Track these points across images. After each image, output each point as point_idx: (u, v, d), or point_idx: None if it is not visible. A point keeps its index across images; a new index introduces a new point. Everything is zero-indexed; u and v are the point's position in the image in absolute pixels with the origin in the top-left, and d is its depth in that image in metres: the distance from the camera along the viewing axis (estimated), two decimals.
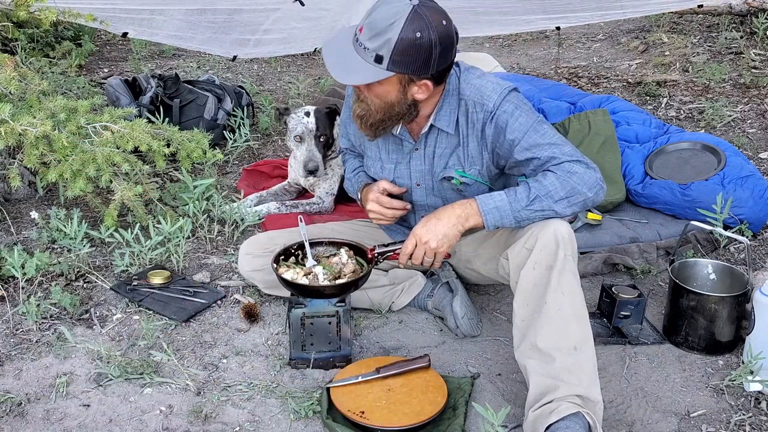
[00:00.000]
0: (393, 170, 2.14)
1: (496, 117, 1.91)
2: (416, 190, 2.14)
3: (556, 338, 1.72)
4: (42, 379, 1.96)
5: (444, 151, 2.04)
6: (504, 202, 1.84)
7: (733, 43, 5.02)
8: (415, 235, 1.88)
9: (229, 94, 3.81)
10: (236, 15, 3.89)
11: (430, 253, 1.87)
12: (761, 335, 1.91)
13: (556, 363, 1.70)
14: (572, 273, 1.80)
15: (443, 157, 2.05)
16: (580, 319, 1.75)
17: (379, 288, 2.24)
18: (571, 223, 2.64)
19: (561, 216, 1.84)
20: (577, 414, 1.63)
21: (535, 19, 4.30)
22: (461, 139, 2.00)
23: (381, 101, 1.89)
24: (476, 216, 1.85)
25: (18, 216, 2.91)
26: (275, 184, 3.14)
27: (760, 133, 3.71)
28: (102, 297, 2.37)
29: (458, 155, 2.02)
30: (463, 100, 1.96)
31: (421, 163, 2.08)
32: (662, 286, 2.40)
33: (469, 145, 2.00)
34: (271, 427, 1.80)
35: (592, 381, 1.70)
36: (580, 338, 1.73)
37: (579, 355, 1.71)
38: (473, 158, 2.00)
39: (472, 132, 1.98)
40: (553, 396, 1.67)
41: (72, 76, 4.42)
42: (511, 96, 1.92)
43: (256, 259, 2.23)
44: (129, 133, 2.52)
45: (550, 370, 1.70)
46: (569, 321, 1.74)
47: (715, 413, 1.84)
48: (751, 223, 2.62)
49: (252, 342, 2.14)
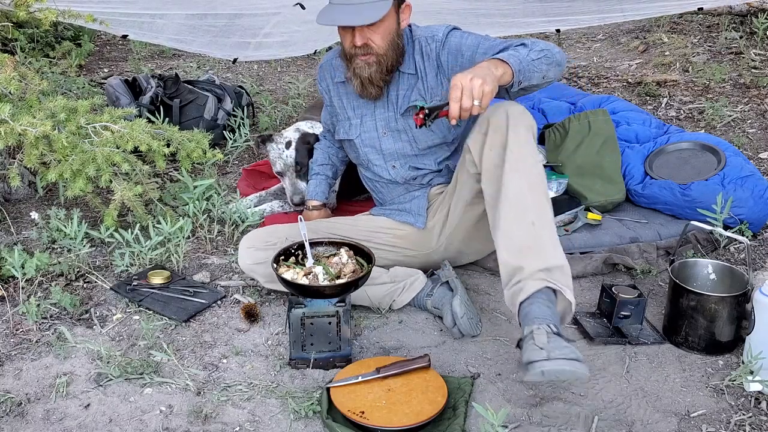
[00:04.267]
0: (359, 125, 2.34)
1: (447, 43, 2.15)
2: (384, 139, 2.31)
3: (514, 217, 1.87)
4: (42, 379, 1.96)
5: (405, 92, 2.24)
6: (512, 52, 1.91)
7: (733, 43, 5.02)
8: (457, 80, 1.78)
9: (229, 94, 3.82)
10: (237, 19, 3.89)
11: (478, 90, 1.75)
12: (761, 335, 1.91)
13: (516, 241, 1.85)
14: (526, 147, 1.91)
15: (405, 98, 2.24)
16: (535, 191, 1.88)
17: (379, 286, 2.24)
18: (570, 224, 2.66)
19: (558, 62, 1.96)
20: (542, 290, 1.79)
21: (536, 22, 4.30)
22: (419, 74, 2.21)
23: (387, 39, 2.11)
24: (502, 63, 1.85)
25: (18, 216, 2.91)
26: (275, 184, 3.14)
27: (760, 133, 3.71)
28: (102, 297, 2.37)
29: (418, 89, 2.22)
30: (416, 40, 2.21)
31: (385, 111, 2.28)
32: (662, 286, 2.40)
33: (427, 77, 2.20)
34: (271, 427, 1.80)
35: (551, 250, 1.84)
36: (535, 212, 1.86)
37: (537, 230, 1.84)
38: (433, 88, 2.20)
39: (429, 63, 2.19)
40: (520, 276, 1.82)
41: (72, 76, 4.42)
42: (456, 29, 2.19)
43: (257, 252, 2.23)
44: (129, 133, 2.52)
45: (513, 250, 1.85)
46: (524, 197, 1.87)
47: (715, 413, 1.84)
48: (751, 223, 2.62)
49: (252, 342, 2.14)
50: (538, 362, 1.64)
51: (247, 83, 4.63)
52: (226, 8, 3.75)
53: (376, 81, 2.19)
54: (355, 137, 2.36)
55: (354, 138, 2.36)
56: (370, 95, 2.24)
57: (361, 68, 2.16)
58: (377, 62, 2.14)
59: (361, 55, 2.13)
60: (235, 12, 3.80)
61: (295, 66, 5.39)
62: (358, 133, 2.34)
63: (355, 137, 2.36)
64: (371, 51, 2.12)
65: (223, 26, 3.94)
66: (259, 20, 3.94)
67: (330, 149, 2.65)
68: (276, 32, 4.11)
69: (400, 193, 2.40)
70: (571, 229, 2.63)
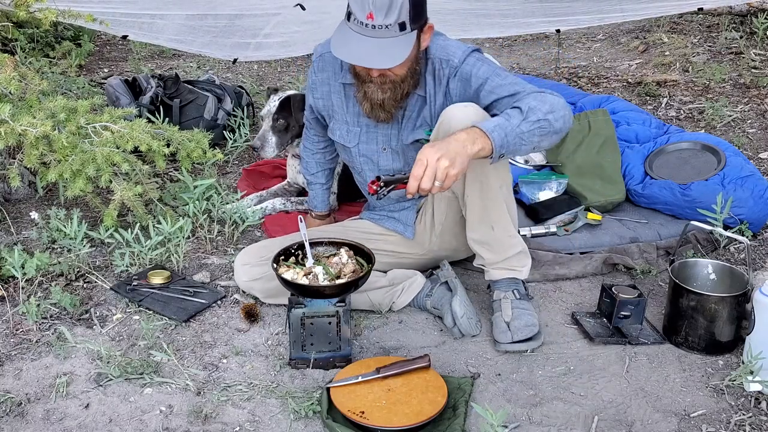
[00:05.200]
0: (359, 134, 2.21)
1: (461, 71, 2.00)
2: (382, 155, 2.22)
3: (477, 220, 2.09)
4: (42, 379, 1.96)
5: (412, 113, 2.11)
6: (501, 121, 1.80)
7: (733, 43, 5.02)
8: (424, 156, 1.72)
9: (229, 94, 3.82)
10: (237, 20, 3.89)
11: (441, 173, 1.71)
12: (761, 335, 1.91)
13: (478, 238, 2.12)
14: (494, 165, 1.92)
15: (411, 119, 2.12)
16: (491, 198, 2.04)
17: (378, 289, 2.24)
18: (570, 224, 2.66)
19: (557, 131, 1.86)
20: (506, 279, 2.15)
21: (536, 22, 4.30)
22: (428, 98, 2.07)
23: (406, 66, 1.97)
24: (482, 137, 1.76)
25: (18, 216, 2.91)
26: (275, 184, 3.14)
27: (760, 133, 3.71)
28: (102, 297, 2.37)
29: (425, 115, 2.09)
30: (430, 59, 2.05)
31: (389, 128, 2.16)
32: (662, 286, 2.40)
33: (436, 103, 2.07)
34: (271, 427, 1.80)
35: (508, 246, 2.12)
36: (495, 215, 2.07)
37: (495, 233, 2.09)
38: (440, 113, 2.02)
39: (439, 89, 2.06)
40: (483, 263, 2.17)
41: (72, 76, 4.43)
42: (474, 53, 2.03)
43: (253, 269, 2.24)
44: (129, 133, 2.52)
45: (477, 243, 2.14)
46: (484, 205, 2.06)
47: (715, 413, 1.84)
48: (751, 223, 2.62)
49: (252, 342, 2.14)
50: (504, 344, 2.07)
51: (247, 83, 4.63)
52: (226, 9, 3.75)
53: (388, 107, 2.06)
54: (353, 146, 2.26)
55: (351, 147, 2.26)
56: (378, 119, 2.11)
57: (373, 92, 2.02)
58: (392, 89, 2.01)
59: (377, 82, 2.00)
60: (236, 12, 3.81)
61: (295, 66, 5.39)
62: (357, 142, 2.23)
63: (353, 146, 2.26)
64: (389, 79, 1.98)
65: (223, 27, 3.94)
66: (259, 21, 3.94)
67: (318, 154, 2.53)
68: (276, 33, 4.12)
69: (390, 202, 2.37)
70: (571, 229, 2.63)
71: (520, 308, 2.12)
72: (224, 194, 2.88)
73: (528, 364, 2.04)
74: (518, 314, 2.10)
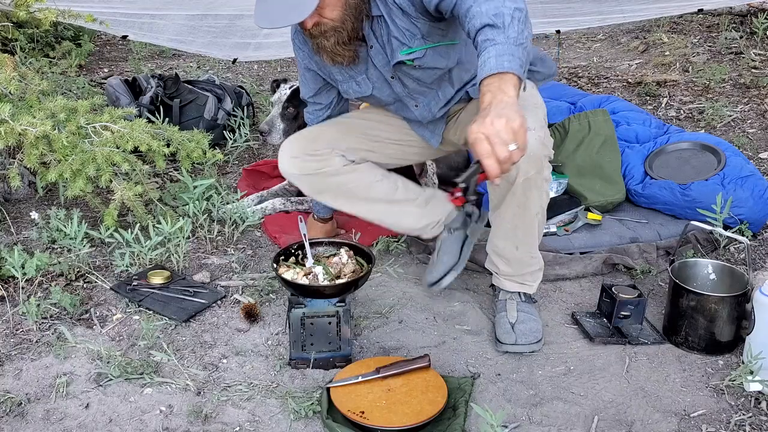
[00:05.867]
0: (366, 79, 2.14)
1: None
2: (394, 84, 2.13)
3: (503, 235, 2.10)
4: (42, 379, 1.96)
5: (387, 37, 2.01)
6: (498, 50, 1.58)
7: (733, 43, 5.02)
8: (476, 131, 1.48)
9: (229, 94, 3.81)
10: (237, 20, 3.89)
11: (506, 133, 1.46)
12: (761, 335, 1.91)
13: (500, 252, 2.14)
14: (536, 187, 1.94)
15: (388, 44, 2.02)
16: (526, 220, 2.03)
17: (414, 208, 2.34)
18: (570, 224, 2.66)
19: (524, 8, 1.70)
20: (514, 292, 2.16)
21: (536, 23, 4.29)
22: (387, 19, 1.97)
23: (338, 7, 1.87)
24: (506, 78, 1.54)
25: (18, 216, 2.91)
26: (275, 184, 3.14)
27: (760, 133, 3.71)
28: (102, 297, 2.37)
29: (395, 36, 1.98)
30: None
31: (382, 56, 2.06)
32: (662, 286, 2.40)
33: (397, 22, 1.96)
34: (271, 427, 1.80)
35: (527, 265, 2.14)
36: (522, 236, 2.07)
37: (518, 253, 2.10)
38: (409, 31, 1.96)
39: (390, 9, 1.95)
40: (496, 270, 2.18)
41: (72, 76, 4.43)
42: None
43: (306, 163, 2.22)
44: (129, 133, 2.52)
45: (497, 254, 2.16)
46: (516, 223, 2.05)
47: (715, 413, 1.84)
48: (751, 223, 2.62)
49: (252, 342, 2.14)
50: (507, 345, 2.06)
51: (247, 83, 4.63)
52: (226, 9, 3.75)
53: (342, 51, 1.97)
54: (370, 92, 2.17)
55: (368, 94, 2.18)
56: (344, 62, 2.03)
57: (321, 42, 1.95)
58: (335, 34, 1.92)
59: (317, 33, 1.92)
60: (236, 13, 3.80)
61: (294, 66, 5.39)
62: (371, 87, 2.14)
63: (370, 92, 2.17)
64: (326, 27, 1.90)
65: (223, 27, 3.94)
66: None
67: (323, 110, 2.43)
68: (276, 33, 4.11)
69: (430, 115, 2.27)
70: (571, 229, 2.63)
71: (525, 312, 2.12)
72: (224, 194, 2.88)
73: (528, 364, 2.04)
74: (524, 318, 2.10)
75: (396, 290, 2.42)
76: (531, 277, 2.17)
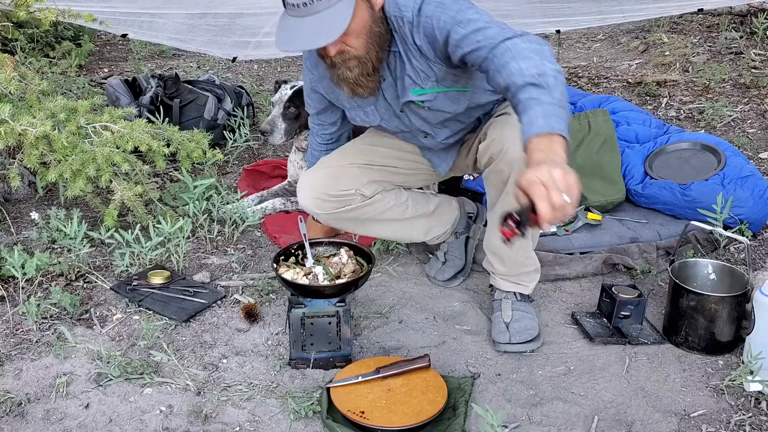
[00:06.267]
0: (374, 110, 2.11)
1: (421, 26, 1.84)
2: (403, 117, 2.10)
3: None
4: (42, 379, 1.96)
5: (400, 73, 1.97)
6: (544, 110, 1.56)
7: (733, 43, 5.02)
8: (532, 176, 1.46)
9: (229, 94, 3.81)
10: (237, 19, 3.89)
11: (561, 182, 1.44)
12: (761, 335, 1.91)
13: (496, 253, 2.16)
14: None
15: (400, 79, 1.98)
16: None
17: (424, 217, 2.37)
18: (570, 224, 2.65)
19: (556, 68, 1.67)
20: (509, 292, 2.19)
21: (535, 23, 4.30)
22: (404, 56, 1.93)
23: (363, 35, 1.82)
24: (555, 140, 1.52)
25: (18, 216, 2.91)
26: (275, 184, 3.14)
27: (760, 133, 3.71)
28: (102, 297, 2.37)
29: (408, 74, 1.95)
30: (388, 18, 1.89)
31: (393, 90, 2.02)
32: (662, 286, 2.40)
33: (413, 62, 1.92)
34: (271, 427, 1.80)
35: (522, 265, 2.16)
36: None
37: (513, 252, 2.11)
38: (423, 72, 1.93)
39: (409, 48, 1.91)
40: (492, 270, 2.20)
41: (72, 76, 4.43)
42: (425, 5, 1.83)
43: (325, 204, 2.22)
44: (129, 133, 2.52)
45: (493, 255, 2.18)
46: None
47: (715, 413, 1.84)
48: (751, 223, 2.62)
49: (252, 342, 2.14)
50: (501, 344, 2.09)
51: (247, 83, 4.63)
52: (225, 7, 3.75)
53: (365, 82, 1.93)
54: (378, 123, 2.15)
55: (376, 124, 2.16)
56: (364, 94, 1.99)
57: (343, 73, 1.90)
58: (359, 65, 1.88)
59: (340, 61, 1.87)
60: (236, 11, 3.81)
61: (294, 66, 5.39)
62: (379, 118, 2.12)
63: (378, 123, 2.15)
64: (349, 55, 1.85)
65: (223, 25, 3.94)
66: (259, 19, 3.94)
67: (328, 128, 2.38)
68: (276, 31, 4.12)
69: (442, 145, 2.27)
70: (571, 229, 2.63)
71: (520, 310, 2.13)
72: (224, 194, 2.88)
73: (528, 364, 2.04)
74: (518, 317, 2.11)
75: (396, 290, 2.42)
76: (527, 277, 2.17)
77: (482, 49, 1.72)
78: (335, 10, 1.73)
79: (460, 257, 2.46)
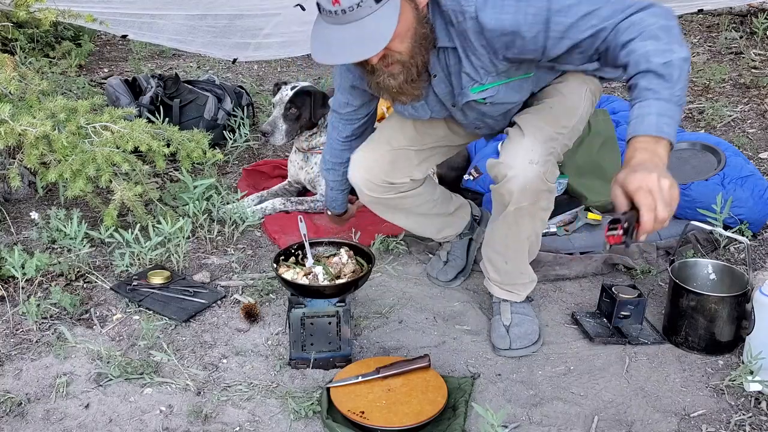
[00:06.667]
0: (425, 105, 1.97)
1: (491, 21, 1.66)
2: (456, 112, 1.99)
3: (494, 253, 2.11)
4: (42, 379, 1.96)
5: (454, 69, 1.82)
6: (660, 107, 1.48)
7: (733, 43, 5.02)
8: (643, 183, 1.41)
9: (229, 94, 3.81)
10: (237, 20, 3.89)
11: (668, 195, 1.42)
12: (761, 335, 1.91)
13: (492, 262, 2.14)
14: (528, 216, 1.95)
15: (455, 76, 1.84)
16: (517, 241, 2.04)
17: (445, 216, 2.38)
18: (570, 224, 2.66)
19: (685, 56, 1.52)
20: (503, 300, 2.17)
21: None
22: (459, 51, 1.77)
23: (408, 38, 1.66)
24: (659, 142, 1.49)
25: (18, 216, 2.91)
26: (275, 184, 3.14)
27: (760, 133, 3.71)
28: (102, 297, 2.37)
29: (466, 72, 1.80)
30: (444, 11, 1.72)
31: (445, 86, 1.89)
32: (662, 286, 2.40)
33: (472, 58, 1.77)
34: (271, 427, 1.80)
35: (517, 277, 2.14)
36: (510, 257, 2.09)
37: (508, 266, 2.10)
38: (483, 69, 1.78)
39: (468, 44, 1.74)
40: (488, 276, 2.18)
41: (72, 76, 4.43)
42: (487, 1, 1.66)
43: (378, 187, 2.16)
44: (129, 133, 2.52)
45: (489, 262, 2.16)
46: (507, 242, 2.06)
47: (715, 413, 1.84)
48: (751, 223, 2.62)
49: (252, 342, 2.14)
50: (503, 350, 2.07)
51: (247, 83, 4.63)
52: (226, 9, 3.75)
53: (409, 89, 1.78)
54: (428, 117, 2.03)
55: (426, 118, 2.05)
56: (407, 102, 1.85)
57: (385, 81, 1.75)
58: (404, 71, 1.72)
59: (382, 67, 1.71)
60: (236, 13, 3.80)
61: (295, 66, 5.39)
62: (429, 112, 2.00)
63: (428, 117, 2.03)
64: (393, 60, 1.69)
65: (223, 27, 3.94)
66: (260, 21, 3.94)
67: (342, 163, 2.28)
68: (276, 33, 4.11)
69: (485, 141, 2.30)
70: (571, 229, 2.63)
71: (520, 313, 2.12)
72: (224, 194, 2.88)
73: (528, 364, 2.04)
74: (518, 320, 2.11)
75: (396, 290, 2.42)
76: (522, 288, 2.16)
77: (601, 33, 1.58)
78: (379, 15, 1.56)
79: (462, 258, 2.47)
